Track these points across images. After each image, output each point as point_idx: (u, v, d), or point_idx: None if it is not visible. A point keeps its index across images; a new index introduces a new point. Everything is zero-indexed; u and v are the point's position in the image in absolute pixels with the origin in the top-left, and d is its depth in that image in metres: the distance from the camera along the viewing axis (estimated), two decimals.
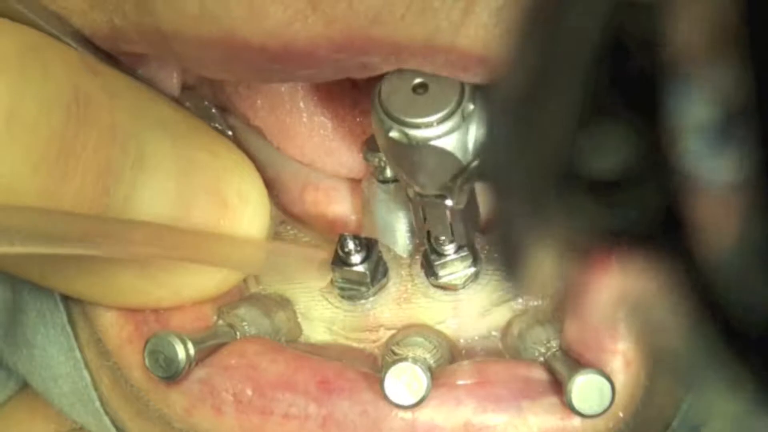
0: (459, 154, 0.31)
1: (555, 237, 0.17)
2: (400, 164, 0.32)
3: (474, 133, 0.31)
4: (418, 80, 0.31)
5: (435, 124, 0.31)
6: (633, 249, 0.16)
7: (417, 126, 0.31)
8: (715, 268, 0.15)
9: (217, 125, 0.40)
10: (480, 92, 0.31)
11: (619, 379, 0.34)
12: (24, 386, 0.43)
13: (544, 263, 0.17)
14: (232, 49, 0.30)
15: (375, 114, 0.31)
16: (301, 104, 0.38)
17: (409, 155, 0.31)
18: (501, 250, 0.18)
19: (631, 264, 0.16)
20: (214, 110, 0.40)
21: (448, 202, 0.34)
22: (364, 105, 0.38)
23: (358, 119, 0.38)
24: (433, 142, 0.31)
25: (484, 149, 0.30)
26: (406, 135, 0.31)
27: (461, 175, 0.31)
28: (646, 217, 0.16)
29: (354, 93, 0.38)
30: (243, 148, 0.39)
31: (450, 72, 0.31)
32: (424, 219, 0.36)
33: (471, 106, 0.31)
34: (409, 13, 0.29)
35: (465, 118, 0.31)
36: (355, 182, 0.40)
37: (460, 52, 0.29)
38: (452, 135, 0.31)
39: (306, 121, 0.38)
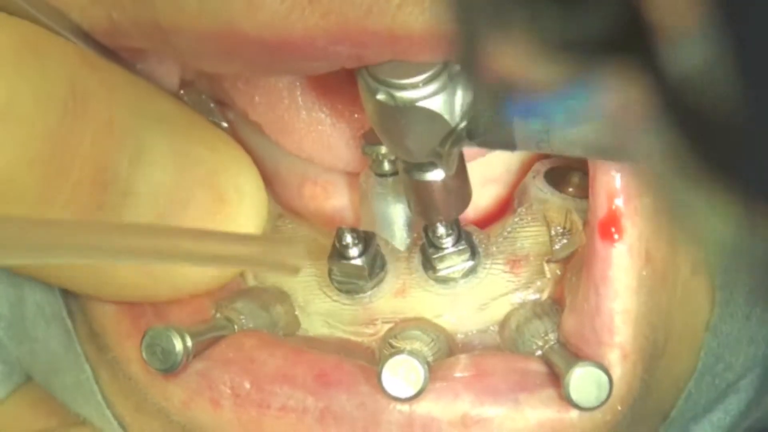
0: (446, 115, 0.31)
1: (517, 45, 0.16)
2: (388, 130, 0.32)
3: (461, 94, 0.31)
4: None
5: (421, 84, 0.30)
6: (598, 60, 0.16)
7: (403, 87, 0.30)
8: (683, 69, 0.15)
9: (214, 119, 0.40)
10: None
11: (617, 371, 0.34)
12: (27, 380, 0.43)
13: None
14: (230, 43, 0.31)
15: (361, 78, 0.31)
16: (300, 99, 0.38)
17: (397, 119, 0.31)
18: (463, 58, 0.18)
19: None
20: (212, 104, 0.40)
21: (436, 174, 0.33)
22: (361, 99, 0.38)
23: (356, 115, 0.38)
24: (420, 104, 0.30)
25: None
26: (393, 97, 0.30)
27: (449, 137, 0.31)
28: (611, 22, 0.15)
29: (352, 88, 0.38)
30: (241, 142, 0.39)
31: (447, 60, 0.31)
32: (415, 203, 0.36)
33: (457, 66, 0.30)
34: (405, 2, 0.29)
35: (451, 79, 0.30)
36: (353, 176, 0.40)
37: None
38: (439, 96, 0.30)
39: (304, 117, 0.38)
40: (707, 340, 0.38)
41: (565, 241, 0.39)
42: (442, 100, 0.30)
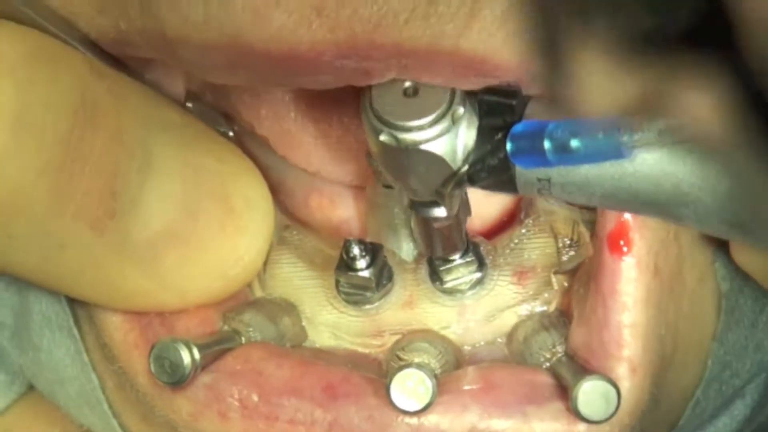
0: (449, 159, 0.31)
1: (599, 38, 0.16)
2: (392, 169, 0.32)
3: (464, 137, 0.31)
4: (408, 84, 0.31)
5: (425, 127, 0.31)
6: (678, 54, 0.15)
7: (407, 129, 0.31)
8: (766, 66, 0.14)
9: (221, 129, 0.40)
10: (469, 97, 0.31)
11: (625, 385, 0.34)
12: (28, 390, 0.43)
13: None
14: (236, 55, 0.30)
15: (366, 118, 0.31)
16: (306, 113, 0.38)
17: (400, 159, 0.31)
18: (542, 52, 0.17)
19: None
20: (217, 114, 0.40)
21: (440, 212, 0.34)
22: None
23: (363, 128, 0.38)
24: (423, 146, 0.31)
25: None
26: (396, 138, 0.31)
27: (451, 180, 0.31)
28: (692, 15, 0.15)
29: (358, 101, 0.38)
30: (246, 152, 0.39)
31: (451, 77, 0.31)
32: (421, 237, 0.36)
33: (461, 110, 0.31)
34: (413, 17, 0.29)
35: (455, 122, 0.31)
36: (359, 187, 0.40)
37: (464, 55, 0.30)
38: (442, 138, 0.31)
39: (311, 131, 0.38)
40: (714, 349, 0.38)
41: (572, 252, 0.39)
42: (445, 143, 0.31)
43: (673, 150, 0.28)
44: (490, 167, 0.30)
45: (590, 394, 0.33)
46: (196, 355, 0.34)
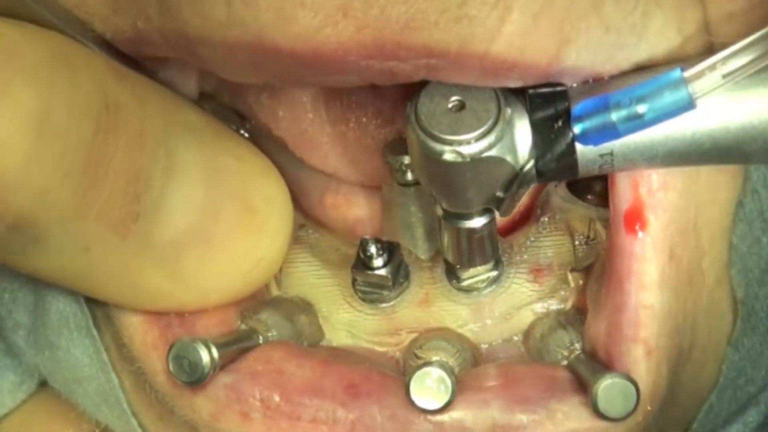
0: (511, 159, 0.31)
1: None
2: (449, 185, 0.32)
3: (520, 135, 0.31)
4: (453, 100, 0.31)
5: (484, 135, 0.31)
6: None
7: (468, 142, 0.31)
8: None
9: (235, 127, 0.40)
10: (512, 95, 0.32)
11: (642, 368, 0.34)
12: (39, 389, 0.42)
13: None
14: (260, 54, 0.30)
15: (421, 143, 0.31)
16: (323, 114, 0.38)
17: (463, 173, 0.31)
18: None
19: None
20: (231, 114, 0.40)
21: (476, 222, 0.34)
22: (386, 114, 0.38)
23: (381, 129, 0.38)
24: (486, 153, 0.31)
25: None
26: (461, 154, 0.31)
27: (515, 180, 0.32)
28: None
29: (377, 102, 0.38)
30: (262, 150, 0.39)
31: (481, 79, 0.31)
32: (455, 249, 0.36)
33: (509, 110, 0.31)
34: (443, 19, 0.29)
35: (508, 123, 0.31)
36: (376, 186, 0.40)
37: (495, 58, 0.29)
38: (501, 143, 0.31)
39: (329, 131, 0.38)
40: (729, 354, 0.38)
41: (588, 249, 0.39)
42: (505, 147, 0.31)
43: (737, 88, 0.30)
44: (557, 156, 0.31)
45: (609, 391, 0.33)
46: (215, 354, 0.34)
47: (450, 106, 0.31)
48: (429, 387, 0.34)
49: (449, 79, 0.31)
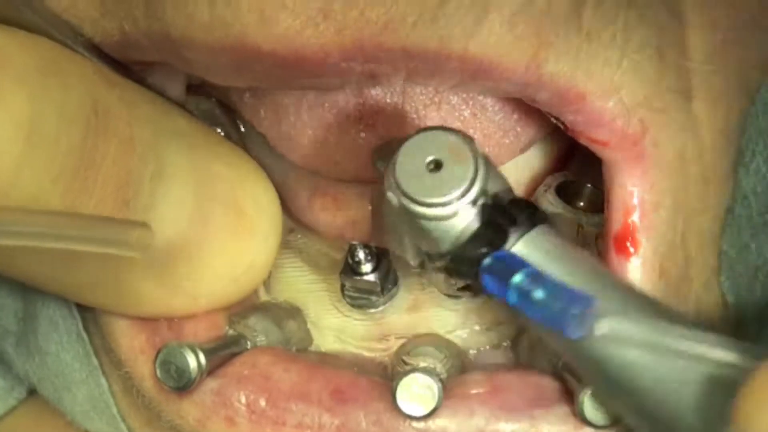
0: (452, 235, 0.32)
1: None
2: (429, 239, 0.33)
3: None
4: (429, 158, 0.31)
5: (452, 202, 0.31)
6: None
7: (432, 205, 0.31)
8: None
9: (222, 129, 0.40)
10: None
11: None
12: (28, 396, 0.43)
13: None
14: (242, 56, 0.31)
15: (412, 214, 0.32)
16: (305, 116, 0.38)
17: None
18: None
19: None
20: (218, 111, 0.40)
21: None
22: (368, 119, 0.38)
23: (362, 134, 0.38)
24: (444, 222, 0.31)
25: None
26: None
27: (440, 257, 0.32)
28: None
29: (359, 105, 0.38)
30: (251, 155, 0.39)
31: (459, 83, 0.31)
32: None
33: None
34: (422, 20, 0.29)
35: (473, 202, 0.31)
36: (363, 187, 0.40)
37: (473, 58, 0.30)
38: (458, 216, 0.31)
39: (310, 134, 0.38)
40: None
41: None
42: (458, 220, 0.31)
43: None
44: (469, 260, 0.31)
45: (596, 399, 0.34)
46: (202, 359, 0.34)
47: (427, 167, 0.31)
48: (416, 393, 0.34)
49: (428, 82, 0.31)
